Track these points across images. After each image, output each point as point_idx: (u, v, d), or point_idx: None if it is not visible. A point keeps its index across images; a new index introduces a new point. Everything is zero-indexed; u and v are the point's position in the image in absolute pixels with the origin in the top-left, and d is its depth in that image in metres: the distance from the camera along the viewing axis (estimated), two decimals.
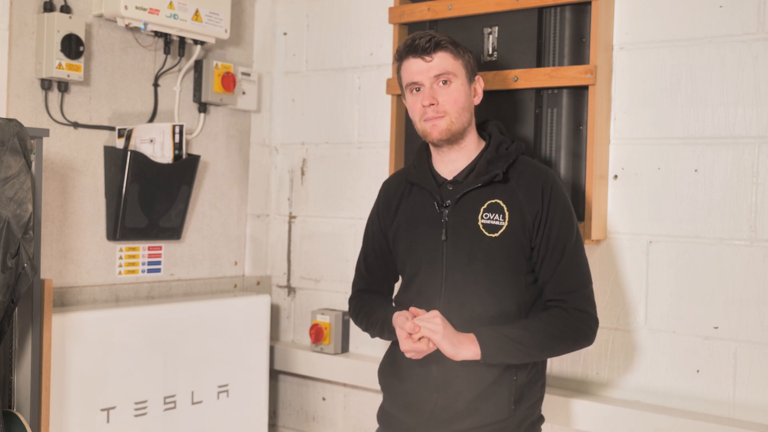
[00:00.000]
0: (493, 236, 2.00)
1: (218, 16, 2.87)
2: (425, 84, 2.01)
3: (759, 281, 2.22)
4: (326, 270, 3.13)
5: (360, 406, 3.03)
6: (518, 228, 2.00)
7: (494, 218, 2.01)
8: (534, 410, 2.08)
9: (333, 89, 3.12)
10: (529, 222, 2.01)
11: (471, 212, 2.02)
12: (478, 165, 2.05)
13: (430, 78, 2.00)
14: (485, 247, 2.00)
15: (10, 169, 2.04)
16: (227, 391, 2.88)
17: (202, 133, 3.03)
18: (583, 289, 2.03)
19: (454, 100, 2.01)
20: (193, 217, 3.01)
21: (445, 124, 2.01)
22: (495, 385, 2.00)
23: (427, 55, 1.99)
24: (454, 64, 2.01)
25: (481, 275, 2.00)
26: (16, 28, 2.49)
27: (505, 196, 2.02)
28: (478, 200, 2.03)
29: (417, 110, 2.04)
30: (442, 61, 2.00)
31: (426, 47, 1.99)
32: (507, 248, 2.00)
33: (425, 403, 2.04)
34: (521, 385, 2.02)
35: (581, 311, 2.00)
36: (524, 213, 2.01)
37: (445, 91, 2.01)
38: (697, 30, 2.32)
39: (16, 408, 2.19)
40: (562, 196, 2.05)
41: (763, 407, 2.22)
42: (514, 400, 2.01)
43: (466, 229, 2.02)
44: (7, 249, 2.01)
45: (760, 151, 2.23)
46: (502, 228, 2.00)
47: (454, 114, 2.01)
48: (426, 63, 2.00)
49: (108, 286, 2.74)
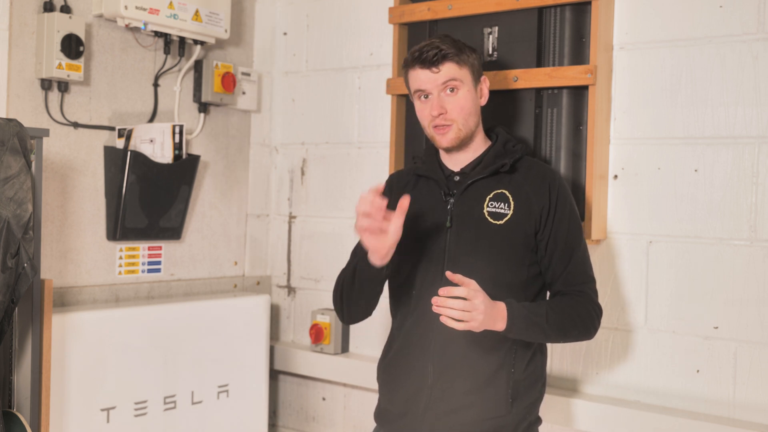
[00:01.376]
0: (498, 223, 2.03)
1: (218, 16, 2.87)
2: (433, 92, 2.05)
3: (759, 281, 2.22)
4: (326, 270, 3.13)
5: (360, 406, 3.03)
6: (523, 218, 2.03)
7: (500, 207, 2.04)
8: (532, 410, 2.08)
9: (333, 89, 3.12)
10: (536, 214, 2.04)
11: (477, 201, 2.05)
12: (486, 157, 2.10)
13: (438, 86, 2.04)
14: (490, 234, 2.02)
15: (10, 169, 2.04)
16: (227, 391, 2.88)
17: (202, 133, 3.03)
18: (592, 283, 2.09)
19: (461, 108, 2.05)
20: (193, 217, 3.01)
21: (453, 134, 2.06)
22: (492, 378, 2.00)
23: (434, 66, 2.03)
24: (460, 72, 2.05)
25: (484, 262, 2.01)
26: (16, 28, 2.49)
27: (511, 187, 2.06)
28: (484, 190, 2.06)
29: (425, 117, 2.09)
30: (448, 71, 2.04)
31: (434, 60, 2.03)
32: (511, 236, 2.03)
33: (420, 395, 2.04)
34: (519, 379, 2.03)
35: (594, 303, 2.06)
36: (531, 204, 2.04)
37: (452, 99, 2.05)
38: (697, 30, 2.32)
39: (16, 408, 2.19)
40: (568, 195, 2.10)
41: (763, 407, 2.22)
42: (511, 394, 2.01)
43: (472, 217, 2.04)
44: (7, 249, 2.01)
45: (760, 151, 2.23)
46: (507, 216, 2.03)
47: (461, 121, 2.05)
48: (433, 74, 2.04)
49: (108, 286, 2.74)
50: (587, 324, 2.03)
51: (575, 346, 2.51)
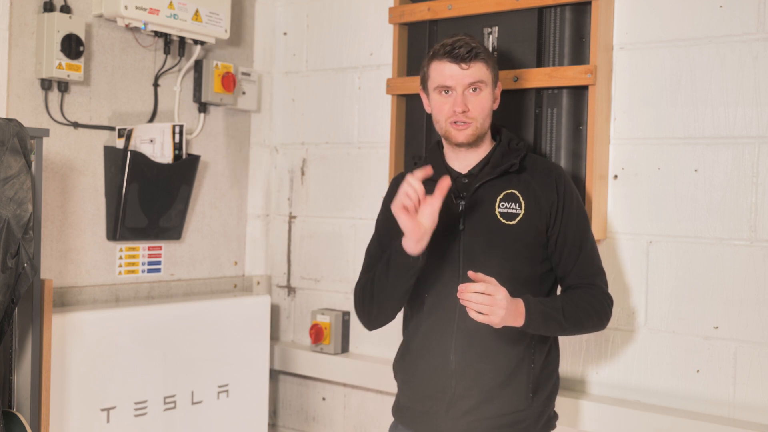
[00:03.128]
0: (510, 224, 2.04)
1: (218, 16, 2.87)
2: (457, 90, 2.05)
3: (759, 281, 2.22)
4: (326, 270, 3.13)
5: (360, 406, 3.03)
6: (535, 216, 2.05)
7: (511, 207, 2.05)
8: (549, 403, 2.11)
9: (333, 89, 3.12)
10: (546, 210, 2.06)
11: (488, 202, 2.06)
12: (493, 158, 2.11)
13: (464, 85, 2.04)
14: (503, 234, 2.03)
15: (10, 169, 2.04)
16: (227, 391, 2.88)
17: (202, 133, 3.03)
18: (602, 275, 2.12)
19: (482, 108, 2.06)
20: (193, 217, 3.01)
21: (471, 131, 2.06)
22: (513, 373, 2.03)
23: (465, 63, 2.03)
24: (486, 73, 2.06)
25: (499, 261, 2.02)
26: (16, 28, 2.49)
27: (520, 187, 2.07)
28: (494, 191, 2.07)
29: (444, 111, 2.08)
30: (477, 71, 2.04)
31: (465, 56, 2.03)
32: (524, 235, 2.04)
33: (443, 393, 2.05)
34: (537, 374, 2.06)
35: (606, 294, 2.09)
36: (540, 201, 2.06)
37: (475, 98, 2.05)
38: (697, 30, 2.32)
39: (16, 408, 2.19)
40: (573, 188, 2.13)
41: (763, 407, 2.22)
42: (532, 389, 2.04)
43: (484, 219, 2.05)
44: (7, 249, 2.01)
45: (760, 151, 2.23)
46: (519, 216, 2.05)
47: (480, 120, 2.06)
48: (462, 70, 2.04)
49: (108, 286, 2.74)
50: (601, 315, 2.06)
51: (575, 346, 2.51)
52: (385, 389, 2.86)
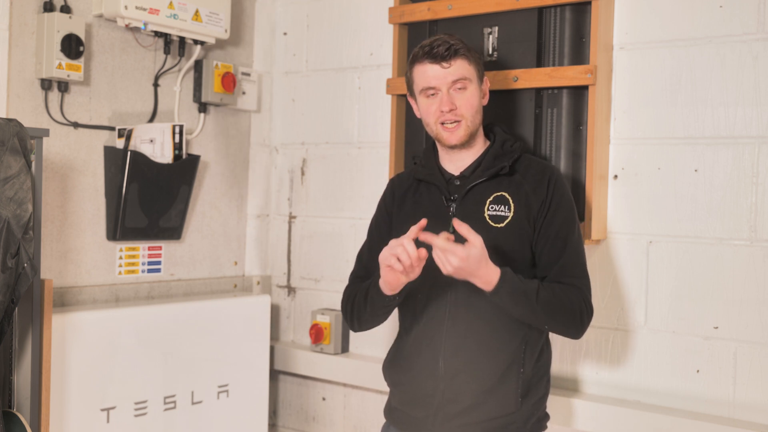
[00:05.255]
0: (498, 226, 2.03)
1: (218, 16, 2.87)
2: (442, 89, 2.04)
3: (759, 281, 2.22)
4: (326, 270, 3.13)
5: (360, 406, 3.03)
6: (524, 219, 2.04)
7: (500, 209, 2.04)
8: (540, 406, 2.09)
9: (333, 89, 3.12)
10: (534, 210, 2.04)
11: (478, 204, 2.06)
12: (485, 160, 2.10)
13: (447, 83, 2.03)
14: (491, 237, 2.02)
15: (10, 169, 2.04)
16: (227, 391, 2.88)
17: (202, 133, 3.03)
18: (587, 279, 2.05)
19: (470, 105, 2.05)
20: (193, 217, 3.01)
21: (462, 131, 2.05)
22: (502, 377, 2.02)
23: (445, 61, 2.02)
24: (469, 69, 2.05)
25: None
26: (16, 28, 2.49)
27: (511, 189, 2.06)
28: (484, 193, 2.06)
29: (432, 113, 2.07)
30: (459, 68, 2.03)
31: (445, 55, 2.02)
32: (512, 238, 2.03)
33: (432, 397, 2.05)
34: (528, 378, 2.04)
35: (586, 301, 2.03)
36: (530, 203, 2.04)
37: (461, 95, 2.04)
38: (697, 30, 2.32)
39: (16, 408, 2.19)
40: (565, 189, 2.10)
41: (763, 407, 2.22)
42: (521, 393, 2.03)
43: (473, 221, 2.03)
44: (7, 249, 2.01)
45: (760, 151, 2.23)
46: (508, 219, 2.03)
47: (469, 118, 2.05)
48: (443, 69, 2.03)
49: (108, 286, 2.74)
50: (575, 316, 1.99)
51: (576, 346, 2.51)
52: (385, 389, 2.84)
